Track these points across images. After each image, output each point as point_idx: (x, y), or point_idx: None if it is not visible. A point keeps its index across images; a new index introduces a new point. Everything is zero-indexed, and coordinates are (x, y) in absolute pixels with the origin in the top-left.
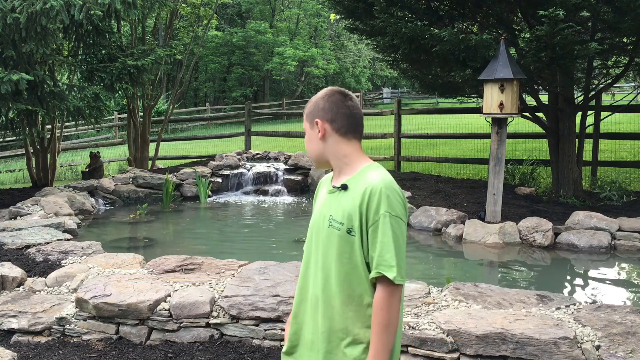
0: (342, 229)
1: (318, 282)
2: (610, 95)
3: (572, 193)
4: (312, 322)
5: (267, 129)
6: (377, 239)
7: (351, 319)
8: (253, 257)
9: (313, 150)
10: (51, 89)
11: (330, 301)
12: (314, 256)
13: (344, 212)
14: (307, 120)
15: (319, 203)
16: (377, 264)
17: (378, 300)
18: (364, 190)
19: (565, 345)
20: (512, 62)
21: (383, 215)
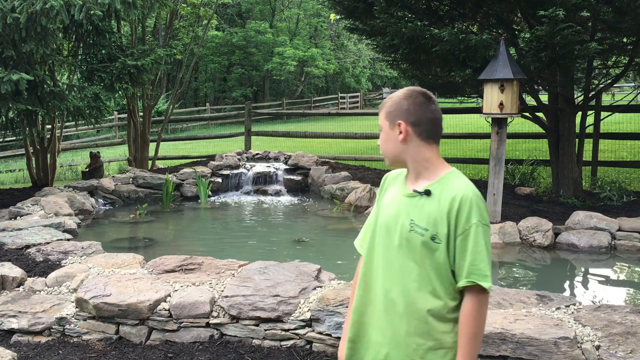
0: (426, 235)
1: (393, 285)
2: (610, 95)
3: (572, 193)
4: (380, 325)
5: (267, 129)
6: (469, 248)
7: (432, 324)
8: (253, 257)
9: (390, 151)
10: (51, 89)
11: (410, 305)
12: (384, 257)
13: (429, 218)
14: (387, 119)
15: (392, 204)
16: (469, 272)
17: (468, 310)
18: (452, 198)
19: (565, 345)
20: (512, 62)
21: (475, 225)
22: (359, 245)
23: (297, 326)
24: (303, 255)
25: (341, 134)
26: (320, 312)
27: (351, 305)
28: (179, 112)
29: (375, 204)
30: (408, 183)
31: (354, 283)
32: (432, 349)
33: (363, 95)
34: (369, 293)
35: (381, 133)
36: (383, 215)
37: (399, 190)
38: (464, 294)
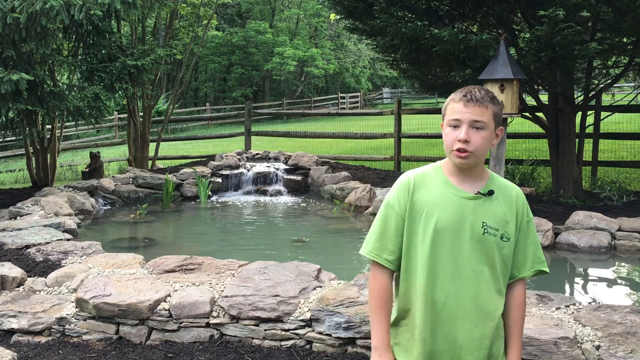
0: (498, 235)
1: (462, 290)
2: (610, 95)
3: (572, 193)
4: (442, 333)
5: (267, 129)
6: (530, 240)
7: (499, 321)
8: (253, 257)
9: (484, 153)
10: (51, 89)
11: (485, 307)
12: (449, 263)
13: (498, 218)
14: (495, 120)
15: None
16: (533, 262)
17: (521, 297)
18: (515, 196)
19: (565, 345)
20: (512, 62)
21: (532, 218)
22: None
23: (297, 326)
24: (303, 255)
25: (341, 134)
26: (320, 312)
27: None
28: (179, 112)
29: (399, 207)
30: (458, 184)
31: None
32: (499, 343)
33: (363, 95)
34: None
35: (482, 132)
36: (441, 221)
37: (447, 192)
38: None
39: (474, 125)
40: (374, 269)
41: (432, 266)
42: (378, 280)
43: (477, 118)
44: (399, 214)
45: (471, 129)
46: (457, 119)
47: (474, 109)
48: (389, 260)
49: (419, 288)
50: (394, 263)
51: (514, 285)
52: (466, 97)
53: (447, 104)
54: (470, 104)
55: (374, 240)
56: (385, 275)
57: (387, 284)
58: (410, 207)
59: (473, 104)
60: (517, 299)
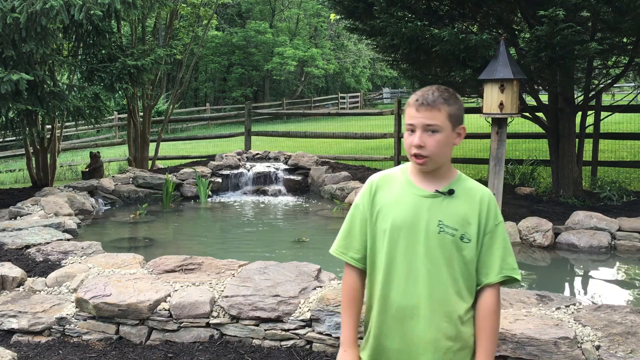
0: (456, 235)
1: (418, 290)
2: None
3: (572, 193)
4: (399, 332)
5: (267, 129)
6: (497, 244)
7: (459, 325)
8: (253, 257)
9: (444, 156)
10: (51, 89)
11: (439, 308)
12: (405, 262)
13: (458, 218)
14: (451, 121)
15: (404, 206)
16: (500, 268)
17: (492, 305)
18: (480, 198)
19: (565, 345)
20: (512, 62)
21: (502, 223)
22: (341, 252)
23: (297, 326)
24: (303, 255)
25: (341, 134)
26: (320, 312)
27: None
28: (179, 112)
29: (363, 208)
30: (419, 183)
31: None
32: (460, 349)
33: (363, 95)
34: (388, 302)
35: (437, 135)
36: (397, 219)
37: (406, 191)
38: (481, 291)
39: (428, 129)
40: (345, 268)
41: (388, 265)
42: (346, 278)
43: (430, 122)
44: (363, 214)
45: (425, 133)
46: (411, 124)
47: (426, 112)
48: (355, 258)
49: (376, 286)
50: (361, 262)
51: (481, 292)
52: (418, 102)
53: (405, 106)
54: (422, 108)
55: (341, 239)
56: (354, 274)
57: (354, 282)
58: (372, 207)
59: (424, 108)
60: (484, 307)
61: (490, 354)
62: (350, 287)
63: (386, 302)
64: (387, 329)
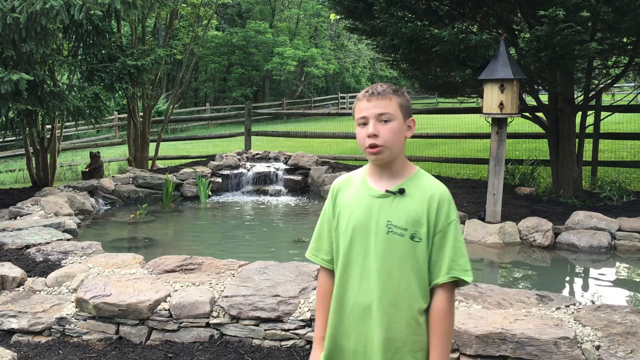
0: (406, 235)
1: (371, 290)
2: (610, 95)
3: (572, 193)
4: (354, 332)
5: (267, 129)
6: (448, 244)
7: (412, 326)
8: (253, 257)
9: (397, 146)
10: (51, 89)
11: (390, 309)
12: (361, 263)
13: (408, 217)
14: (402, 111)
15: (358, 207)
16: (449, 268)
17: (443, 307)
18: (430, 196)
19: (565, 345)
20: (512, 62)
21: (454, 222)
22: (313, 255)
23: (297, 326)
24: (303, 255)
25: (341, 134)
26: None
27: (320, 321)
28: (179, 112)
29: (328, 211)
30: (373, 183)
31: (320, 298)
32: (412, 351)
33: None
34: (343, 302)
35: (390, 124)
36: (351, 220)
37: (361, 192)
38: (433, 293)
39: (380, 118)
40: (320, 269)
41: (344, 265)
42: (320, 280)
43: (382, 111)
44: (328, 217)
45: (378, 122)
46: (363, 117)
47: (377, 102)
48: (325, 260)
49: (334, 286)
50: (332, 263)
51: (434, 294)
52: (368, 93)
53: (354, 105)
54: (373, 98)
55: (312, 242)
56: (325, 275)
57: (325, 282)
58: (334, 210)
59: (375, 98)
60: (434, 309)
61: (442, 357)
62: (324, 289)
63: (342, 302)
64: (343, 329)
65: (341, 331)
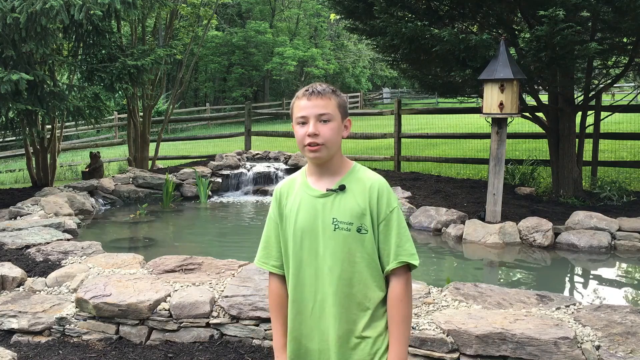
0: (352, 229)
1: (325, 288)
2: (610, 95)
3: (572, 193)
4: (317, 332)
5: (267, 129)
6: (393, 231)
7: (369, 316)
8: (253, 257)
9: (336, 145)
10: (51, 89)
11: (346, 302)
12: (311, 263)
13: (352, 211)
14: (340, 110)
15: (303, 209)
16: (396, 254)
17: (399, 292)
18: (369, 188)
19: (565, 345)
20: (512, 62)
21: (396, 209)
22: (263, 262)
23: None
24: None
25: None
26: None
27: (278, 328)
28: (179, 112)
29: (273, 216)
30: (314, 184)
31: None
32: (372, 337)
33: (363, 95)
34: (302, 304)
35: (329, 124)
36: (298, 222)
37: (303, 194)
38: (388, 280)
39: (320, 118)
40: (269, 276)
41: (297, 268)
42: (271, 286)
43: (323, 111)
44: (275, 222)
45: (318, 122)
46: (303, 116)
47: (318, 101)
48: (275, 266)
49: (289, 290)
50: (281, 268)
51: (388, 281)
52: (308, 91)
53: (292, 103)
54: (313, 97)
55: (261, 250)
56: (276, 281)
57: (278, 288)
58: (280, 214)
59: (316, 97)
60: (391, 295)
61: (401, 341)
62: (276, 294)
63: (300, 304)
64: (306, 330)
65: (305, 333)
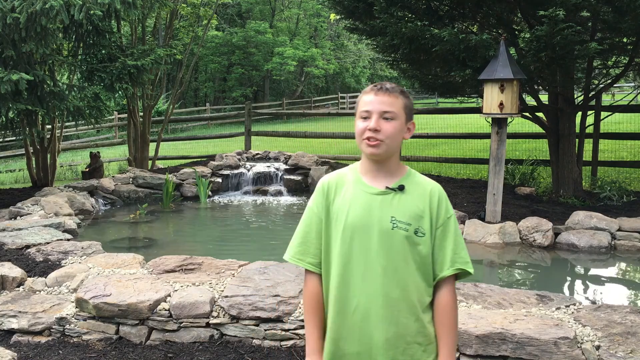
0: (410, 230)
1: (373, 288)
2: (610, 95)
3: (572, 193)
4: (358, 333)
5: (267, 129)
6: (449, 238)
7: (421, 321)
8: (253, 257)
9: (396, 145)
10: (51, 89)
11: (398, 305)
12: (361, 261)
13: (411, 212)
14: (405, 111)
15: (357, 205)
16: (453, 261)
17: (449, 299)
18: (430, 192)
19: (565, 345)
20: (512, 62)
21: (453, 216)
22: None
23: (297, 326)
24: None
25: (341, 134)
26: None
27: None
28: (179, 112)
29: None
30: (369, 181)
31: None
32: (422, 345)
33: None
34: (344, 304)
35: (392, 122)
36: (350, 218)
37: (357, 190)
38: (437, 286)
39: (384, 115)
40: (305, 274)
41: (344, 265)
42: (307, 285)
43: (387, 108)
44: (319, 217)
45: (381, 119)
46: (367, 110)
47: (384, 97)
48: (312, 263)
49: (332, 288)
50: (319, 266)
51: (438, 287)
52: (377, 87)
53: (359, 98)
54: (380, 93)
55: (297, 245)
56: (314, 280)
57: (315, 288)
58: (327, 210)
59: (383, 93)
60: (442, 301)
61: (452, 347)
62: (313, 293)
63: (344, 304)
64: (346, 332)
65: (344, 335)
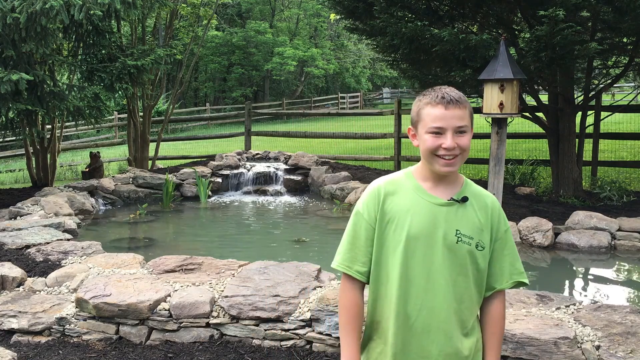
0: (472, 244)
1: (435, 302)
2: (610, 95)
3: (572, 193)
4: (416, 347)
5: (267, 129)
6: (507, 250)
7: (471, 334)
8: (253, 257)
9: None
10: (51, 89)
11: (454, 319)
12: (423, 274)
13: (473, 226)
14: (471, 120)
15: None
16: (510, 274)
17: (500, 310)
18: (491, 204)
19: (565, 345)
20: (512, 62)
21: (509, 228)
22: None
23: (297, 326)
24: (303, 255)
25: (341, 134)
26: (320, 312)
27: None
28: (179, 112)
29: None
30: (430, 190)
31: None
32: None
33: (363, 95)
34: (405, 318)
35: (466, 135)
36: (413, 228)
37: (417, 199)
38: (491, 297)
39: (458, 130)
40: (344, 282)
41: (404, 276)
42: (348, 294)
43: (461, 123)
44: (369, 223)
45: (455, 135)
46: (440, 127)
47: (456, 111)
48: (360, 272)
49: (391, 300)
50: (365, 275)
51: (492, 298)
52: (445, 99)
53: (419, 108)
54: (452, 106)
55: (345, 252)
56: (356, 288)
57: (357, 297)
58: (381, 216)
59: (454, 106)
60: (495, 312)
61: (499, 356)
62: (353, 303)
63: (405, 318)
64: (409, 346)
65: (407, 349)
